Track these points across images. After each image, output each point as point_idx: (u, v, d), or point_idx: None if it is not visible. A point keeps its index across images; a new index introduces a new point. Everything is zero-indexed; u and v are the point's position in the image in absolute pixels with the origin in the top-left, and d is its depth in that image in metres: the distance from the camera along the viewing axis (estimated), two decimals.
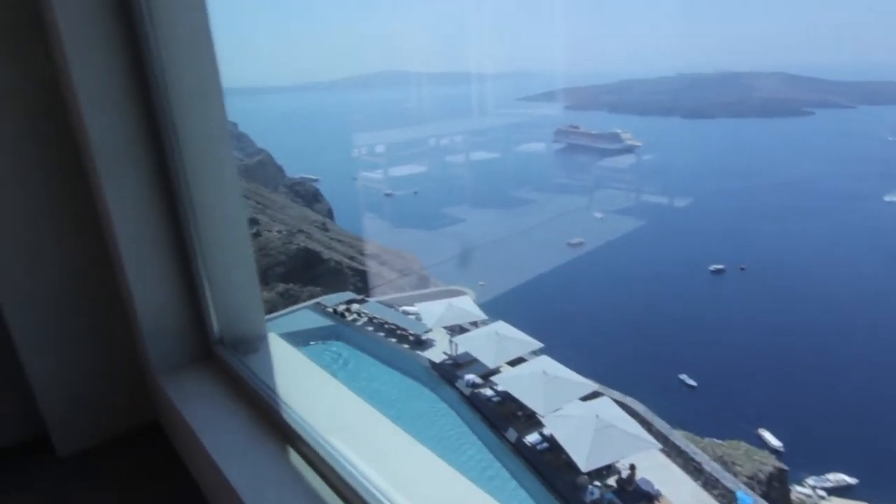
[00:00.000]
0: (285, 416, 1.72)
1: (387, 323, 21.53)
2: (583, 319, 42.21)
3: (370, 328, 21.55)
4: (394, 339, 20.72)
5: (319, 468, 1.55)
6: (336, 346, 20.27)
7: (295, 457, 1.64)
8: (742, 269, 50.39)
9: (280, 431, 1.74)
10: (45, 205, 2.00)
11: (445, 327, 20.26)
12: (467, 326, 20.93)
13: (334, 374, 2.06)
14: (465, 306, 21.23)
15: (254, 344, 2.24)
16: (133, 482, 2.18)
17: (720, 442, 22.17)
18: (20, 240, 1.97)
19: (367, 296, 29.19)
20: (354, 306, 23.17)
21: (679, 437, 16.54)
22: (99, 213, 2.06)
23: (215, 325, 2.14)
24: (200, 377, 2.11)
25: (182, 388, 2.06)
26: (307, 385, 2.02)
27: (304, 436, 1.62)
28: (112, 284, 2.19)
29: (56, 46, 1.80)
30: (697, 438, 20.95)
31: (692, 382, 35.75)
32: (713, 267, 50.45)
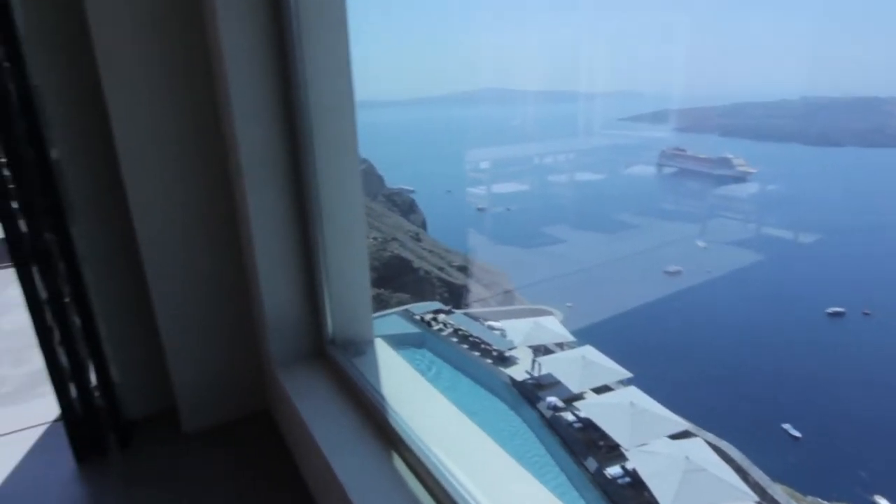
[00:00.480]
0: (391, 420, 1.78)
1: (471, 336, 21.65)
2: (677, 354, 39.85)
3: (454, 339, 21.77)
4: (477, 353, 20.78)
5: (422, 476, 1.60)
6: (420, 354, 20.68)
7: (399, 462, 1.70)
8: (866, 314, 45.33)
9: (385, 435, 1.81)
10: (199, 207, 2.24)
11: (530, 346, 20.01)
12: (552, 348, 20.55)
13: None
14: (552, 327, 20.88)
15: (362, 346, 2.36)
16: (244, 463, 2.35)
17: (825, 503, 20.02)
18: (177, 239, 2.22)
19: (454, 307, 29.51)
20: (441, 316, 23.54)
21: (779, 491, 15.17)
22: (239, 218, 2.27)
23: (330, 325, 2.28)
24: (314, 373, 2.24)
25: (297, 382, 2.20)
26: (410, 391, 2.08)
27: (409, 442, 1.68)
28: (244, 281, 2.39)
29: (218, 70, 2.01)
30: (799, 496, 19.07)
31: (796, 433, 32.54)
32: (831, 310, 45.80)
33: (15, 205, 2.01)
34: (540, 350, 19.82)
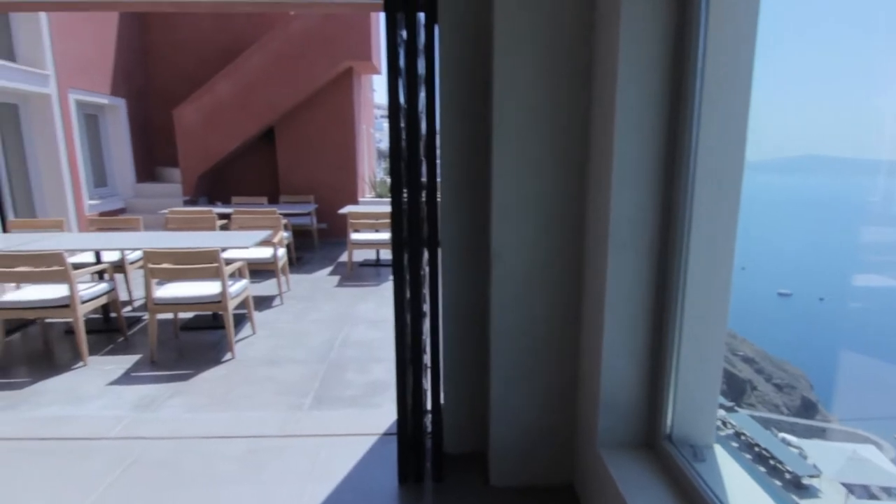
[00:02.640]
0: None
1: (758, 445, 18.22)
2: None
3: (734, 443, 18.66)
4: (762, 468, 17.35)
5: None
6: None
7: None
8: None
9: None
10: (550, 266, 2.24)
11: (843, 481, 15.78)
12: (878, 493, 15.82)
13: None
14: (880, 462, 16.12)
15: (701, 450, 2.00)
16: None
17: None
18: (524, 292, 2.26)
19: (737, 404, 25.42)
20: (721, 412, 20.50)
21: None
22: (587, 280, 2.19)
23: (669, 417, 1.99)
24: (644, 465, 1.98)
25: (624, 468, 1.97)
26: None
27: None
28: (580, 347, 2.30)
29: (601, 128, 1.98)
30: None
31: None
32: None
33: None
34: (858, 489, 15.45)
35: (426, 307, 2.40)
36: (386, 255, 7.73)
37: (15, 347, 4.49)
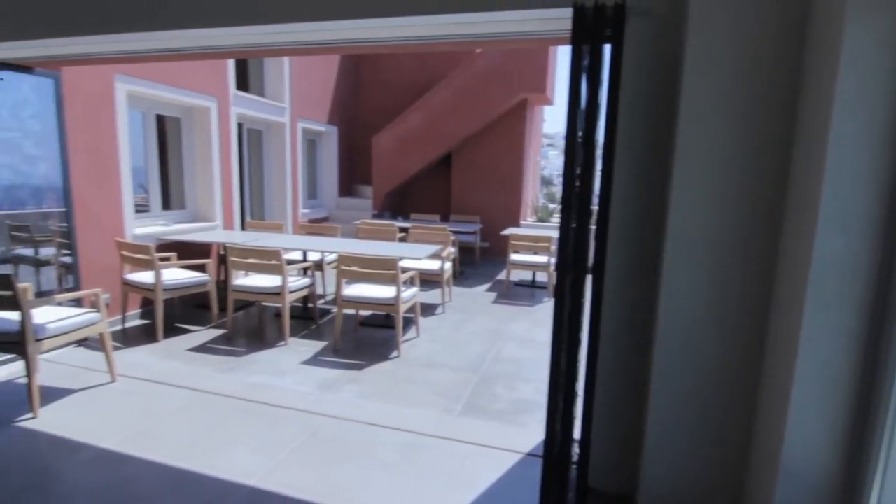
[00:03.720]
0: None
1: None
2: None
3: None
4: None
5: None
6: None
7: None
8: None
9: None
10: (728, 303, 1.97)
11: None
12: None
13: None
14: None
15: None
16: None
17: None
18: (694, 327, 2.01)
19: None
20: None
21: None
22: (776, 317, 1.87)
23: (874, 499, 1.60)
24: None
25: None
26: None
27: None
28: (757, 396, 1.98)
29: (806, 166, 1.69)
30: None
31: None
32: None
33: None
34: None
35: (584, 334, 2.26)
36: (542, 277, 7.60)
37: (239, 323, 5.25)
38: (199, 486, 2.49)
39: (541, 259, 6.93)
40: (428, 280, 6.07)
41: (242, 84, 7.00)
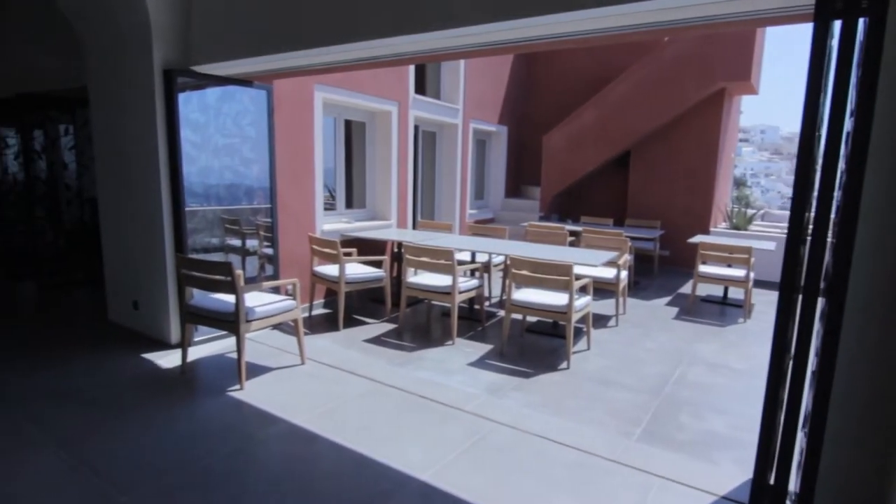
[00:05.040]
0: None
1: None
2: None
3: None
4: None
5: None
6: None
7: None
8: None
9: None
10: None
11: None
12: None
13: None
14: None
15: None
16: None
17: None
18: None
19: None
20: None
21: None
22: None
23: None
24: None
25: None
26: None
27: None
28: None
29: None
30: None
31: None
32: None
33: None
34: None
35: (812, 369, 1.95)
36: (736, 294, 6.81)
37: (409, 319, 5.61)
38: (376, 473, 2.70)
39: (736, 273, 6.22)
40: (600, 289, 5.83)
41: (420, 87, 7.48)
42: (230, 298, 3.67)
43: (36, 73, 5.93)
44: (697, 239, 6.78)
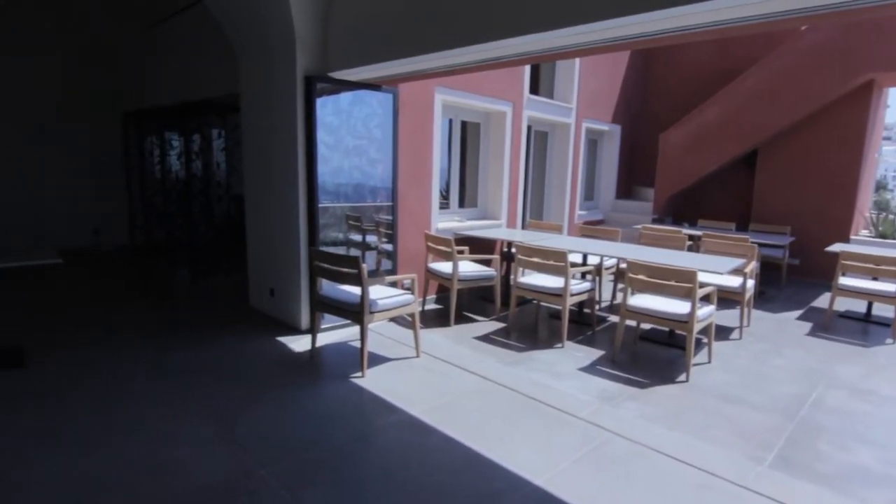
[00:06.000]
0: None
1: None
2: None
3: None
4: None
5: None
6: None
7: None
8: None
9: None
10: None
11: None
12: None
13: None
14: None
15: None
16: None
17: None
18: None
19: None
20: None
21: None
22: None
23: None
24: None
25: None
26: None
27: None
28: None
29: None
30: None
31: None
32: None
33: None
34: None
35: None
36: (884, 311, 5.95)
37: (517, 318, 5.54)
38: (490, 471, 2.68)
39: (885, 287, 5.43)
40: (722, 298, 5.37)
41: (534, 87, 7.34)
42: (356, 290, 3.84)
43: (196, 83, 6.61)
44: (837, 248, 6.00)
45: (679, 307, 4.12)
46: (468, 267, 5.41)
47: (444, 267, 5.30)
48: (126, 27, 7.75)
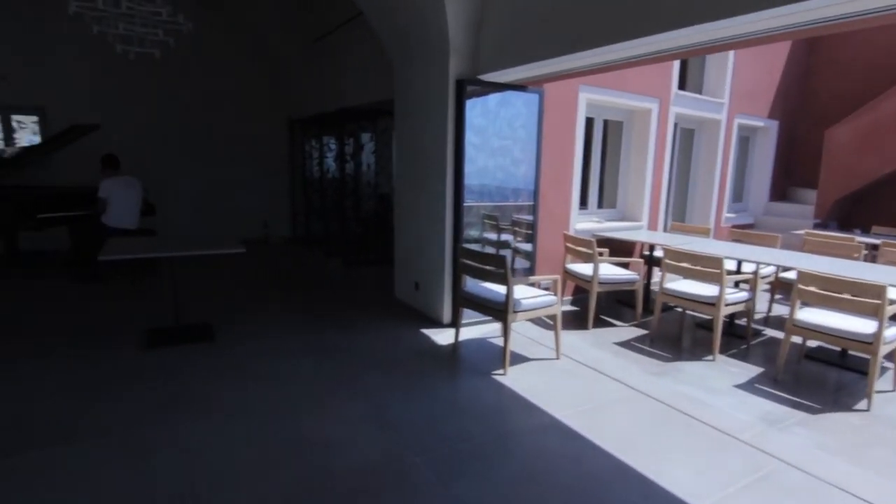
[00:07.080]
0: None
1: None
2: None
3: None
4: None
5: None
6: None
7: None
8: None
9: None
10: None
11: None
12: None
13: None
14: None
15: None
16: None
17: None
18: None
19: None
20: None
21: None
22: None
23: None
24: None
25: None
26: None
27: None
28: None
29: None
30: None
31: None
32: None
33: None
34: None
35: None
36: None
37: (659, 325, 5.16)
38: (643, 487, 2.50)
39: None
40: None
41: (681, 82, 6.77)
42: (499, 289, 3.82)
43: (351, 91, 7.07)
44: None
45: (861, 325, 3.53)
46: (608, 269, 5.15)
47: (584, 268, 5.09)
48: (294, 42, 8.51)
